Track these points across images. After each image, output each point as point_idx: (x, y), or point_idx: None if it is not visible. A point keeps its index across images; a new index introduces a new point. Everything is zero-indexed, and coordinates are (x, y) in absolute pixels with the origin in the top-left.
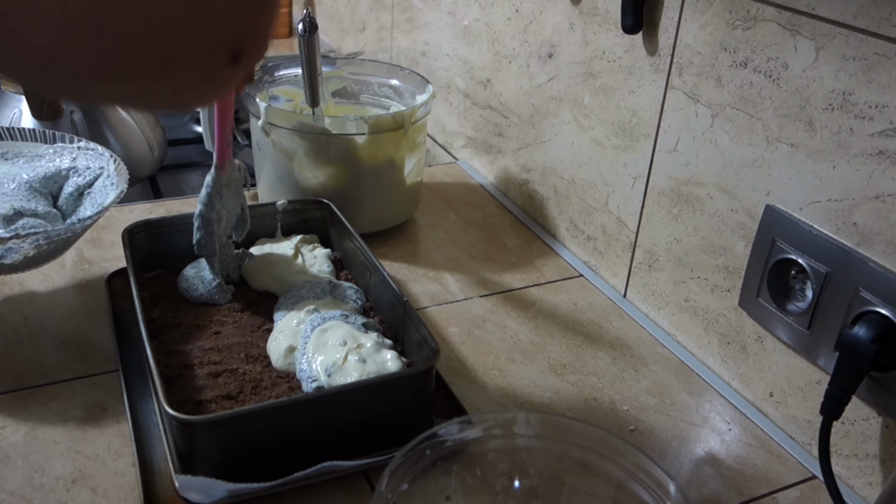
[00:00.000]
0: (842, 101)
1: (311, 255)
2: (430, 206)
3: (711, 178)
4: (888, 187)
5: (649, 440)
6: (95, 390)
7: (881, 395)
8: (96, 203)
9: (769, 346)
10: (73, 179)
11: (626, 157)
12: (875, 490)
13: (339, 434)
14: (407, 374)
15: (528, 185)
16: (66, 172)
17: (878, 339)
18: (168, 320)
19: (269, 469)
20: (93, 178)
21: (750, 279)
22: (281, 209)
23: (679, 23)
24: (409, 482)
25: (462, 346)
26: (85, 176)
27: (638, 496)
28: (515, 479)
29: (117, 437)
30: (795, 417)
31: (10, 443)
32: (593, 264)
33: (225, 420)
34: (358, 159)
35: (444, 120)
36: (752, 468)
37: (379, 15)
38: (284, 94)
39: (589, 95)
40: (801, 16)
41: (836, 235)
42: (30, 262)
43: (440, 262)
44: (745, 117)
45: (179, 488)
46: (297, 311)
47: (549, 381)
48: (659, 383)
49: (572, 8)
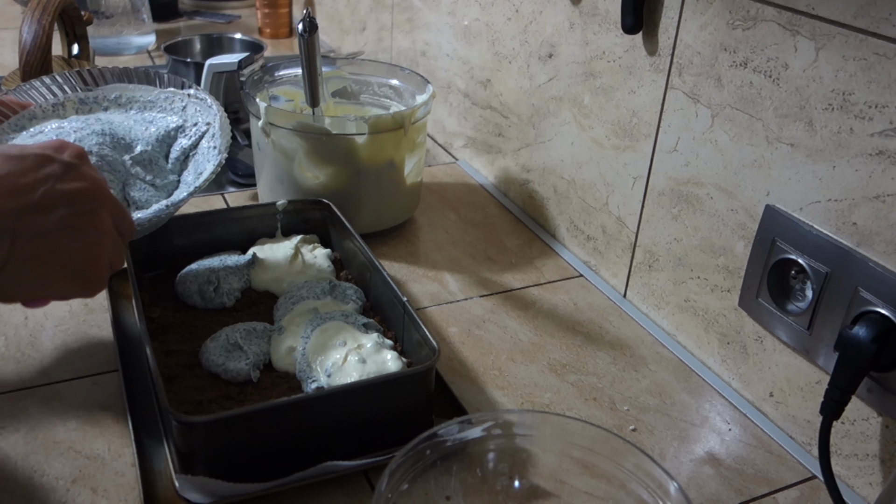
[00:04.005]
0: (842, 101)
1: (311, 255)
2: (430, 206)
3: (711, 178)
4: (888, 187)
5: (649, 440)
6: (95, 390)
7: (881, 395)
8: (198, 169)
9: (769, 346)
10: (180, 141)
11: (626, 157)
12: (875, 490)
13: (339, 434)
14: (407, 374)
15: (528, 185)
16: (174, 133)
17: (877, 339)
18: (168, 320)
19: (269, 469)
20: (198, 138)
21: (750, 279)
22: (281, 209)
23: (679, 23)
24: (409, 482)
25: (462, 346)
26: (190, 136)
27: (638, 496)
28: (515, 479)
29: (117, 437)
30: (795, 417)
31: (10, 443)
32: (593, 264)
33: (225, 420)
34: (358, 159)
35: (444, 120)
36: (752, 468)
37: (379, 15)
38: (284, 94)
39: (589, 95)
40: (801, 16)
41: (836, 235)
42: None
43: (440, 262)
44: (745, 117)
45: (179, 488)
46: (297, 311)
47: (549, 381)
48: (659, 383)
49: (572, 8)
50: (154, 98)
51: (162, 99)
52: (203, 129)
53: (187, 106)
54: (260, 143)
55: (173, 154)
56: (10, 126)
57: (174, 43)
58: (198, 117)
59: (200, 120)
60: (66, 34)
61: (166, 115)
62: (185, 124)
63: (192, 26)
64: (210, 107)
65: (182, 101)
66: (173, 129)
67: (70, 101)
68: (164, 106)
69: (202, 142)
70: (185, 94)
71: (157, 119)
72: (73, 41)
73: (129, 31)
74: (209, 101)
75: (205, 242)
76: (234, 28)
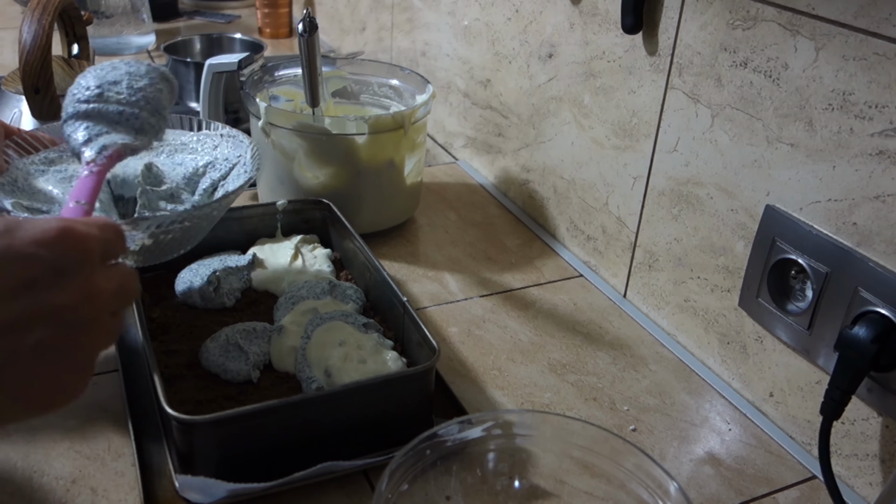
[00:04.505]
0: (842, 101)
1: (311, 255)
2: (430, 206)
3: (711, 178)
4: (888, 187)
5: (649, 440)
6: (95, 390)
7: (881, 395)
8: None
9: (769, 346)
10: (209, 175)
11: (626, 157)
12: (875, 490)
13: (339, 434)
14: (407, 374)
15: (528, 185)
16: (202, 170)
17: (878, 339)
18: (168, 320)
19: (269, 469)
20: (229, 169)
21: (750, 279)
22: (281, 209)
23: (679, 23)
24: (409, 482)
25: (462, 346)
26: (220, 169)
27: (638, 496)
28: (515, 479)
29: (117, 437)
30: (795, 417)
31: (10, 443)
32: (593, 264)
33: (225, 420)
34: (358, 159)
35: (444, 120)
36: (752, 468)
37: (379, 15)
38: (284, 94)
39: (589, 95)
40: (801, 16)
41: (836, 235)
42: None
43: (440, 262)
44: (745, 117)
45: (179, 488)
46: (297, 311)
47: (549, 381)
48: (659, 383)
49: (572, 8)
50: (186, 140)
51: (194, 141)
52: (234, 161)
53: (219, 146)
54: (260, 143)
55: (202, 185)
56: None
57: (174, 43)
58: (229, 153)
59: (231, 154)
60: (66, 34)
61: (196, 156)
62: (215, 160)
63: (192, 26)
64: (242, 142)
65: (214, 142)
66: (202, 166)
67: None
68: (195, 147)
69: (232, 171)
70: (218, 135)
71: (187, 161)
72: (73, 41)
73: (129, 31)
74: (241, 137)
75: (205, 242)
76: (234, 28)
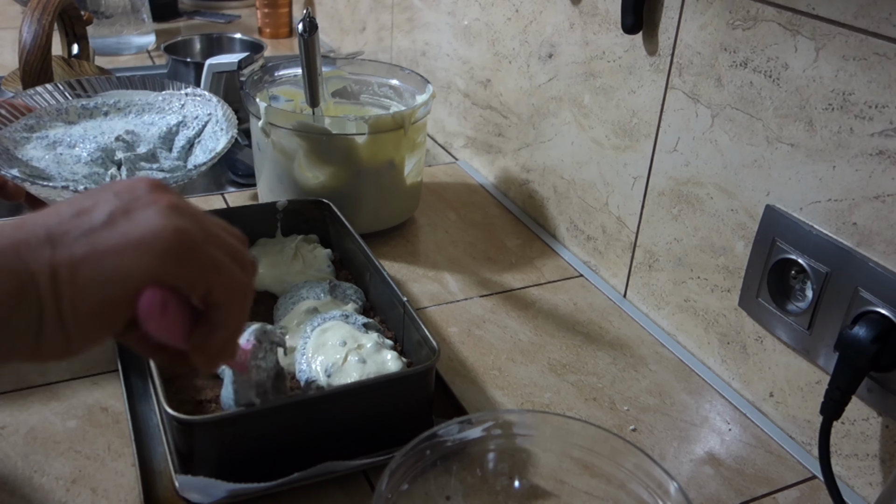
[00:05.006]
0: (842, 101)
1: (311, 255)
2: (430, 206)
3: (711, 178)
4: (888, 187)
5: (649, 440)
6: (95, 390)
7: (881, 395)
8: (207, 149)
9: (769, 346)
10: (183, 133)
11: (626, 157)
12: (875, 490)
13: (339, 434)
14: (407, 374)
15: (528, 185)
16: (175, 129)
17: (878, 339)
18: None
19: (269, 469)
20: (201, 127)
21: (750, 279)
22: (281, 209)
23: (679, 23)
24: (409, 482)
25: (462, 346)
26: (193, 127)
27: (638, 496)
28: (515, 479)
29: (117, 437)
30: (795, 417)
31: (10, 443)
32: (593, 264)
33: (225, 420)
34: (358, 159)
35: (444, 120)
36: (752, 468)
37: (379, 15)
38: (284, 94)
39: (589, 95)
40: (801, 16)
41: (836, 235)
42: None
43: (440, 262)
44: (745, 117)
45: (179, 488)
46: (297, 311)
47: (549, 381)
48: (659, 383)
49: (572, 8)
50: (152, 100)
51: (160, 101)
52: (205, 119)
53: (186, 104)
54: (260, 143)
55: (178, 144)
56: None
57: (174, 43)
58: (198, 111)
59: (201, 112)
60: (66, 34)
61: (165, 115)
62: (185, 119)
63: (191, 26)
64: (209, 100)
65: (180, 101)
66: (174, 125)
67: (73, 108)
68: (162, 107)
69: (206, 128)
70: (183, 94)
71: (157, 120)
72: (73, 41)
73: (128, 31)
74: (207, 95)
75: None
76: (234, 28)
